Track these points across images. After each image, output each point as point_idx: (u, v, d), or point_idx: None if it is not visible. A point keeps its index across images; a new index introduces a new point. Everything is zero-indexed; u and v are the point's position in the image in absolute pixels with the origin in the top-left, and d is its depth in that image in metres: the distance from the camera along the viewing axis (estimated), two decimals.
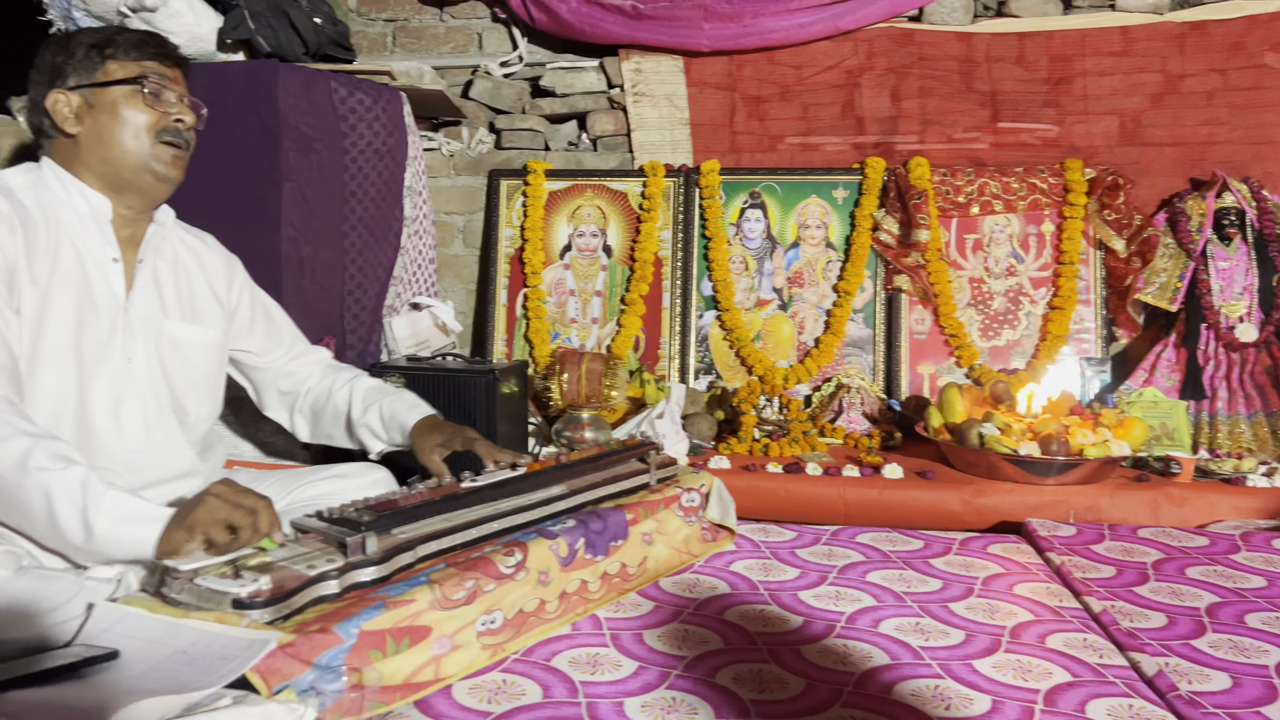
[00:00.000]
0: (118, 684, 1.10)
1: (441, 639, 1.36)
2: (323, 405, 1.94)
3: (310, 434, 1.98)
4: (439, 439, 1.79)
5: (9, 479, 1.31)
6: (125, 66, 1.59)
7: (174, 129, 1.61)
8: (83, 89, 1.57)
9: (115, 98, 1.57)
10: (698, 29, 2.97)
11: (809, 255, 2.97)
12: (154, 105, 1.59)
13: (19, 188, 1.56)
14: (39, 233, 1.53)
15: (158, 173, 1.61)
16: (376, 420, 1.86)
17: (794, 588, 1.76)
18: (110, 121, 1.57)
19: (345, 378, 1.95)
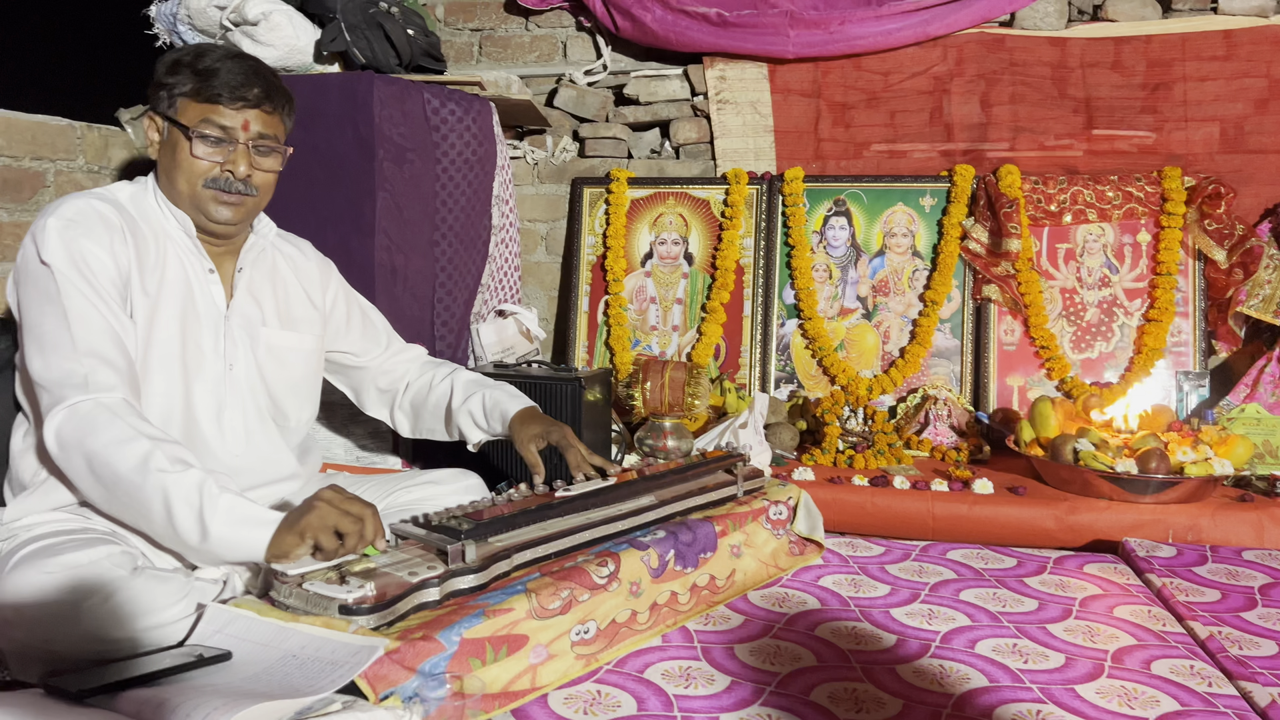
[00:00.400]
0: (232, 685, 1.13)
1: (538, 648, 1.38)
2: (424, 399, 1.96)
3: (411, 429, 2.01)
4: (537, 429, 1.80)
5: (130, 480, 1.36)
6: (189, 109, 1.57)
7: (222, 178, 1.59)
8: (165, 118, 1.60)
9: (178, 138, 1.58)
10: (783, 36, 2.95)
11: (894, 263, 2.93)
12: (202, 157, 1.58)
13: (126, 199, 1.61)
14: (148, 245, 1.59)
15: (209, 214, 1.61)
16: (478, 407, 1.88)
17: (885, 605, 1.74)
18: (171, 157, 1.59)
19: (445, 371, 1.99)
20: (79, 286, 1.47)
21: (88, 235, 1.50)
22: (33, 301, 1.48)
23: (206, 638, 1.29)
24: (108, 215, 1.54)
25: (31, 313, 1.48)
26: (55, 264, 1.47)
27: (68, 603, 1.28)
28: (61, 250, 1.47)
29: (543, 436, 1.79)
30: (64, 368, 1.43)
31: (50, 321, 1.46)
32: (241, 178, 1.60)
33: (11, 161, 2.06)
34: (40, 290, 1.48)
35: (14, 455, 1.61)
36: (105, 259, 1.51)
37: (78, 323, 1.45)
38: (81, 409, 1.40)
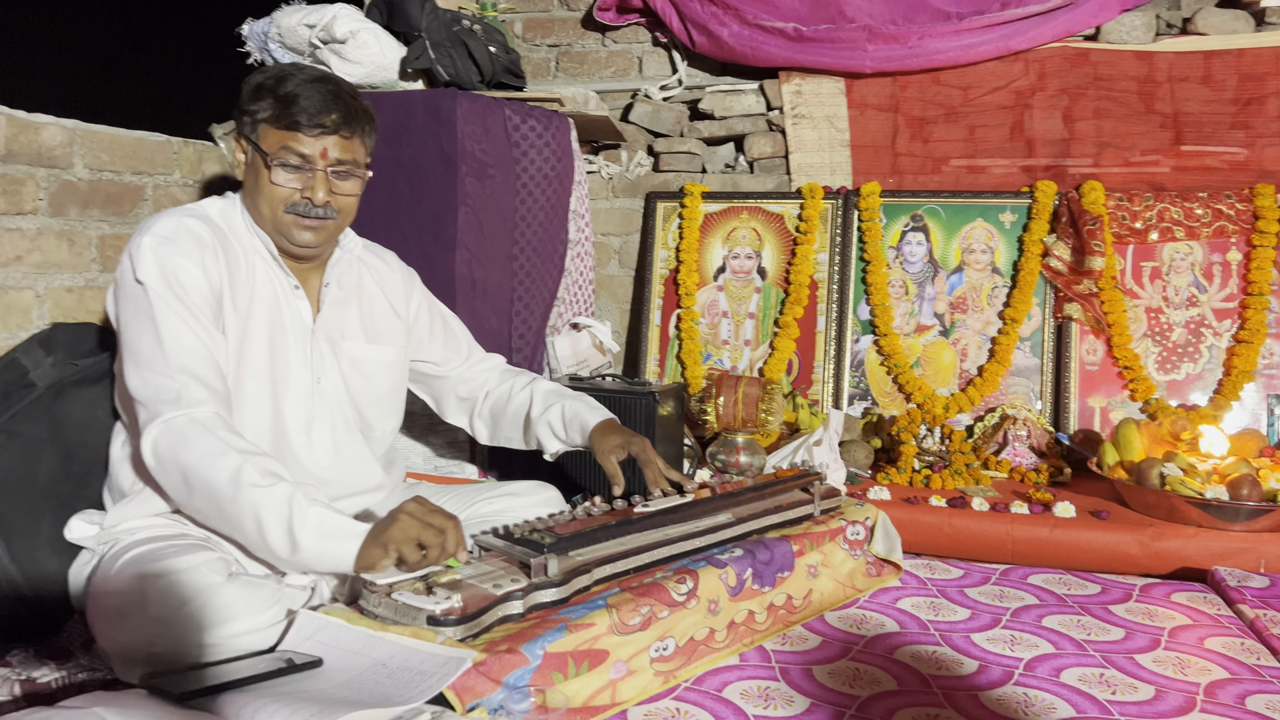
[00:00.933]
0: (327, 693, 1.16)
1: (618, 664, 1.38)
2: (503, 407, 1.99)
3: (490, 437, 2.04)
4: (617, 441, 1.81)
5: (224, 493, 1.40)
6: (271, 136, 1.60)
7: (302, 204, 1.61)
8: (249, 142, 1.63)
9: (260, 164, 1.61)
10: (861, 51, 2.93)
11: (973, 280, 2.89)
12: (282, 184, 1.60)
13: (216, 215, 1.66)
14: (239, 260, 1.63)
15: (290, 238, 1.65)
16: (558, 418, 1.90)
17: (966, 629, 1.72)
18: (255, 181, 1.63)
19: (524, 380, 2.01)
20: (171, 304, 1.51)
21: (181, 253, 1.54)
22: (129, 318, 1.53)
23: (298, 644, 1.32)
24: (200, 232, 1.59)
25: (128, 329, 1.53)
26: (149, 282, 1.51)
27: (169, 607, 1.32)
28: (155, 268, 1.52)
29: (623, 448, 1.80)
30: (158, 384, 1.47)
31: (145, 339, 1.50)
32: (320, 204, 1.62)
33: (114, 176, 2.15)
34: (136, 307, 1.52)
35: (113, 463, 1.67)
36: (198, 275, 1.55)
37: (170, 340, 1.49)
38: (175, 424, 1.44)
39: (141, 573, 1.37)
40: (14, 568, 1.55)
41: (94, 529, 1.61)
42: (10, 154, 1.89)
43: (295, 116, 1.58)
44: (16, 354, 1.81)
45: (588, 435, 1.85)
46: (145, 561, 1.40)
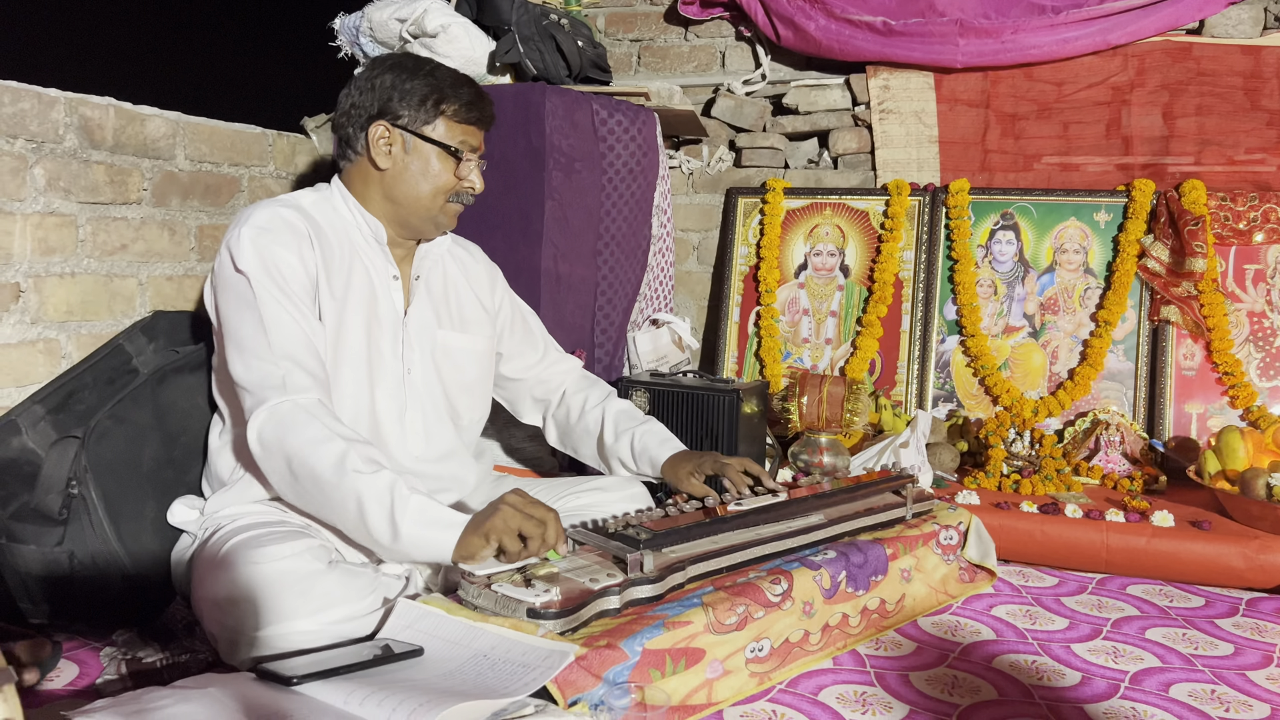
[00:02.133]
0: (431, 683, 1.16)
1: (714, 663, 1.37)
2: (574, 422, 1.98)
3: (559, 441, 2.04)
4: (689, 466, 1.81)
5: (327, 479, 1.41)
6: (451, 130, 1.67)
7: (465, 193, 1.71)
8: (408, 132, 1.66)
9: (430, 155, 1.66)
10: (953, 45, 2.87)
11: (1065, 281, 2.81)
12: (459, 173, 1.69)
13: (309, 206, 1.67)
14: (333, 250, 1.65)
15: (439, 225, 1.72)
16: (627, 452, 1.90)
17: (1065, 639, 1.67)
18: (418, 172, 1.67)
19: (597, 397, 1.99)
20: (273, 293, 1.53)
21: (278, 242, 1.56)
22: (231, 308, 1.55)
23: (397, 632, 1.33)
24: (295, 222, 1.60)
25: (230, 319, 1.55)
26: (250, 271, 1.53)
27: (273, 593, 1.34)
28: (255, 258, 1.54)
29: (697, 470, 1.80)
30: (263, 370, 1.49)
31: (248, 327, 1.52)
32: (477, 193, 1.72)
33: (213, 167, 2.19)
34: (238, 297, 1.55)
35: (211, 452, 1.70)
36: (295, 264, 1.57)
37: (274, 328, 1.52)
38: (281, 409, 1.46)
39: (245, 559, 1.39)
40: (121, 550, 1.59)
41: (195, 514, 1.65)
42: (118, 144, 1.94)
43: (473, 112, 1.69)
44: (120, 340, 1.86)
45: (659, 469, 1.85)
46: (248, 548, 1.42)
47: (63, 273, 1.84)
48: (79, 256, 1.88)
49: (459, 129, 1.68)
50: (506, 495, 1.42)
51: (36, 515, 1.58)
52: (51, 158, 1.81)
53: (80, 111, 1.86)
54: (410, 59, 1.71)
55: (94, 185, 1.89)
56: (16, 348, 1.76)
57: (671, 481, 1.82)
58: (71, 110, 1.84)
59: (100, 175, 1.91)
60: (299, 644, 1.32)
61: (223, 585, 1.38)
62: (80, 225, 1.88)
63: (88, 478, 1.58)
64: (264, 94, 1.83)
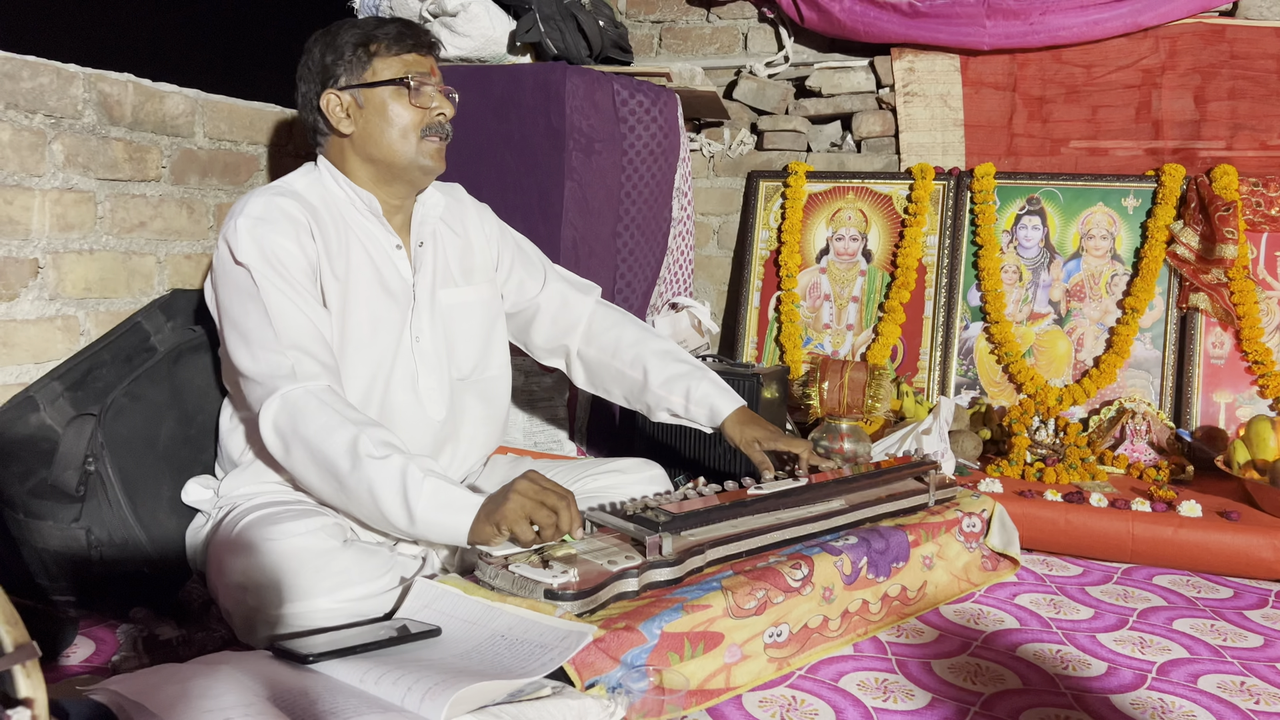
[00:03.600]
0: (448, 662, 1.15)
1: (732, 647, 1.35)
2: (607, 361, 1.88)
3: (587, 382, 1.94)
4: (761, 434, 1.76)
5: (340, 466, 1.39)
6: (389, 64, 1.61)
7: (437, 124, 1.64)
8: (353, 89, 1.62)
9: (384, 97, 1.61)
10: (979, 27, 2.82)
11: (1092, 267, 2.77)
12: (418, 103, 1.62)
13: (303, 189, 1.64)
14: (331, 231, 1.61)
15: (424, 167, 1.65)
16: (680, 399, 1.82)
17: (1090, 629, 1.64)
18: (379, 120, 1.62)
19: (632, 334, 1.89)
20: (275, 282, 1.50)
21: (276, 230, 1.53)
22: (233, 301, 1.53)
23: (414, 612, 1.32)
24: (291, 209, 1.57)
25: (233, 311, 1.53)
26: (250, 262, 1.50)
27: (289, 570, 1.33)
28: (254, 249, 1.51)
29: (768, 440, 1.75)
30: (271, 361, 1.47)
31: (253, 319, 1.50)
32: (448, 119, 1.66)
33: (232, 146, 2.18)
34: (239, 289, 1.52)
35: (223, 434, 1.69)
36: (295, 251, 1.54)
37: (279, 317, 1.49)
38: (292, 397, 1.44)
39: (261, 537, 1.38)
40: (137, 527, 1.58)
41: (209, 493, 1.64)
42: (137, 121, 1.93)
43: (406, 39, 1.63)
44: (138, 318, 1.85)
45: (718, 421, 1.79)
46: (263, 525, 1.41)
47: (81, 249, 1.84)
48: (98, 233, 1.87)
49: (396, 61, 1.62)
50: (517, 481, 1.38)
51: (54, 492, 1.58)
52: (70, 133, 1.80)
53: (99, 87, 1.85)
54: (333, 25, 1.66)
55: (113, 162, 1.88)
56: (35, 324, 1.76)
57: (734, 439, 1.77)
58: (90, 86, 1.83)
59: (119, 152, 1.90)
60: (315, 622, 1.31)
61: (238, 563, 1.37)
62: (99, 202, 1.87)
63: (104, 455, 1.57)
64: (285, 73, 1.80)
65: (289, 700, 1.03)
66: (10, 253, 1.71)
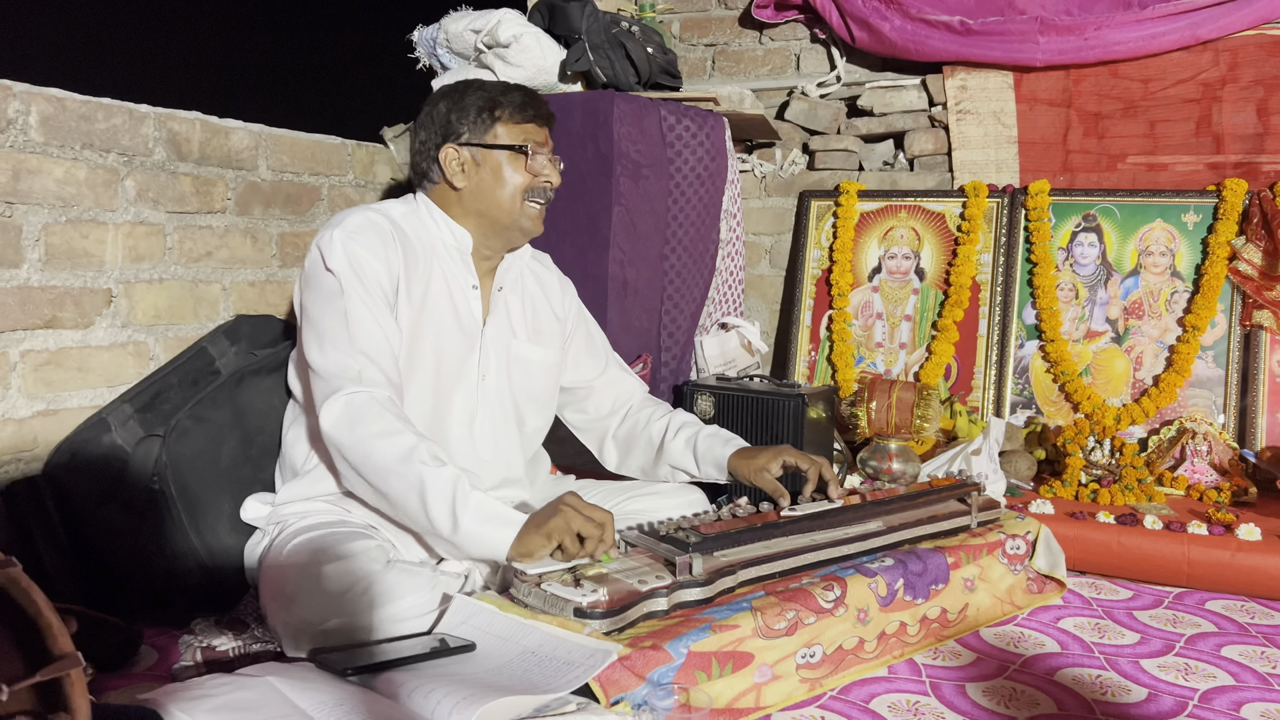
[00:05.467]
0: (479, 677, 1.19)
1: (763, 668, 1.37)
2: (637, 435, 1.96)
3: (618, 463, 2.01)
4: (763, 460, 1.78)
5: (394, 469, 1.47)
6: (511, 131, 1.72)
7: (543, 189, 1.75)
8: (473, 147, 1.72)
9: (500, 160, 1.72)
10: (1032, 43, 2.80)
11: (1150, 284, 2.71)
12: (531, 169, 1.73)
13: (398, 216, 1.73)
14: (417, 258, 1.71)
15: (524, 229, 1.76)
16: (690, 458, 1.88)
17: (1134, 654, 1.62)
18: (492, 180, 1.72)
19: (662, 411, 1.98)
20: (359, 292, 1.60)
21: (366, 247, 1.63)
22: (317, 302, 1.62)
23: (452, 628, 1.37)
24: (382, 228, 1.67)
25: (315, 311, 1.62)
26: (339, 270, 1.60)
27: (335, 590, 1.40)
28: (344, 259, 1.61)
29: (772, 463, 1.77)
30: (341, 361, 1.56)
31: (331, 320, 1.59)
32: (555, 187, 1.76)
33: (294, 177, 2.28)
34: (325, 293, 1.61)
35: (286, 443, 1.77)
36: (380, 269, 1.63)
37: (355, 324, 1.58)
38: (356, 399, 1.52)
39: (311, 557, 1.45)
40: (199, 543, 1.67)
41: (266, 509, 1.72)
42: (204, 157, 2.04)
43: (529, 109, 1.74)
44: (204, 343, 1.95)
45: (723, 467, 1.83)
46: (313, 546, 1.48)
47: (151, 279, 1.94)
48: (166, 263, 1.98)
49: (518, 129, 1.73)
50: (565, 496, 1.45)
51: (122, 509, 1.67)
52: (141, 170, 1.91)
53: (168, 126, 1.96)
54: (460, 84, 1.77)
55: (181, 195, 1.99)
56: (108, 350, 1.87)
57: (742, 476, 1.80)
58: (160, 125, 1.94)
59: (187, 186, 2.00)
60: (358, 637, 1.37)
61: (284, 582, 1.44)
62: (168, 234, 1.98)
63: (167, 474, 1.66)
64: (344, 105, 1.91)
65: (325, 711, 1.09)
66: (86, 283, 1.82)
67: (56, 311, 1.77)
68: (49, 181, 1.74)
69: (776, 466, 1.76)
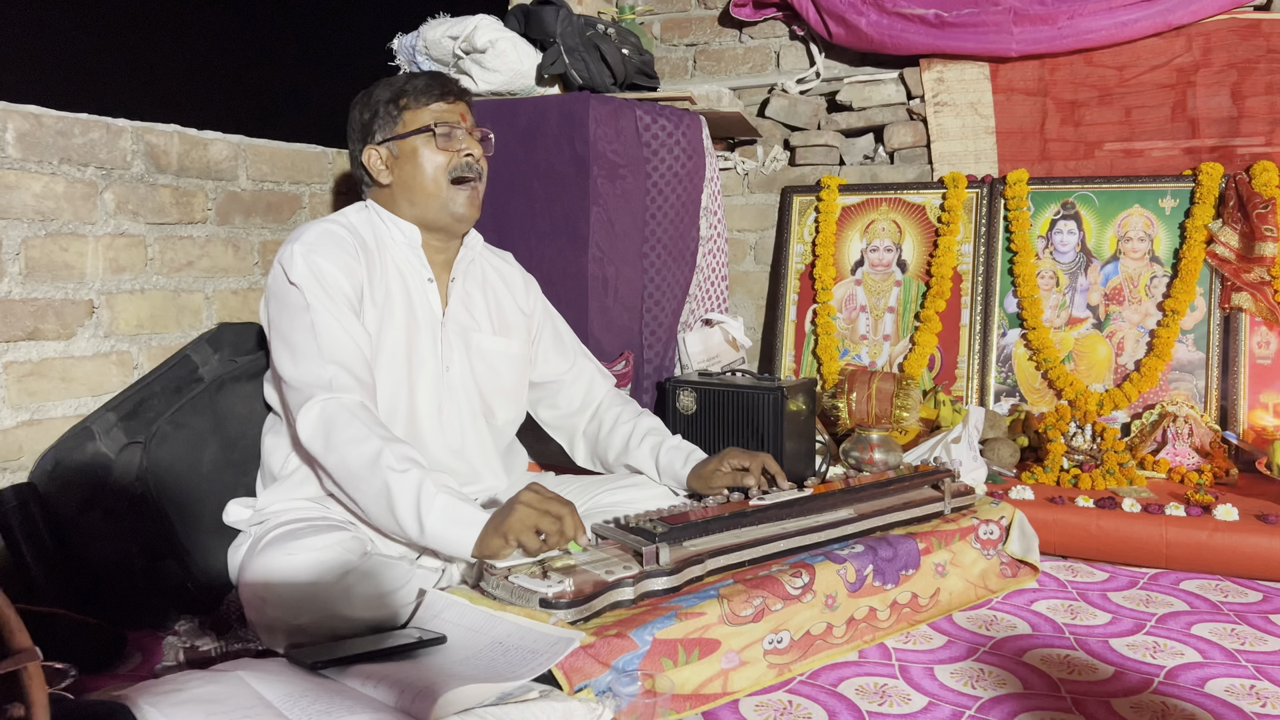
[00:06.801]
0: (445, 667, 1.22)
1: (730, 654, 1.39)
2: (604, 435, 1.99)
3: (586, 458, 2.05)
4: (710, 467, 1.82)
5: (362, 474, 1.50)
6: (418, 115, 1.75)
7: (465, 164, 1.76)
8: (388, 142, 1.76)
9: (415, 146, 1.75)
10: (1006, 34, 2.82)
11: (1130, 270, 2.73)
12: (445, 147, 1.75)
13: (356, 223, 1.78)
14: (375, 260, 1.75)
15: (455, 214, 1.78)
16: (651, 467, 1.91)
17: (1104, 634, 1.63)
18: (411, 168, 1.76)
19: (630, 413, 1.99)
20: (324, 302, 1.63)
21: (327, 257, 1.66)
22: (283, 316, 1.66)
23: (425, 621, 1.39)
24: (340, 236, 1.71)
25: (282, 325, 1.66)
26: (302, 283, 1.64)
27: (307, 581, 1.42)
28: (306, 271, 1.64)
29: (718, 470, 1.80)
30: (312, 372, 1.59)
31: (299, 333, 1.62)
32: (478, 160, 1.78)
33: (274, 186, 2.31)
34: (291, 307, 1.65)
35: (265, 450, 1.80)
36: (341, 277, 1.67)
37: (323, 334, 1.61)
38: (328, 408, 1.55)
39: (285, 550, 1.48)
40: (182, 546, 1.70)
41: (248, 512, 1.75)
42: (183, 168, 2.07)
43: (433, 90, 1.76)
44: (188, 351, 1.98)
45: (683, 483, 1.86)
46: (285, 540, 1.50)
47: (133, 289, 1.98)
48: (148, 274, 2.01)
49: (425, 110, 1.76)
50: (521, 493, 1.46)
51: (106, 515, 1.70)
52: (120, 183, 1.94)
53: (146, 139, 1.99)
54: (372, 86, 1.82)
55: (161, 207, 2.02)
56: (91, 360, 1.90)
57: (699, 489, 1.83)
58: (138, 138, 1.97)
59: (166, 197, 2.04)
60: (333, 631, 1.40)
61: (260, 576, 1.46)
62: (149, 245, 2.01)
63: (149, 479, 1.69)
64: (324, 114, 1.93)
65: (291, 702, 1.11)
66: (67, 295, 1.85)
67: (38, 323, 1.80)
68: (27, 196, 1.77)
69: (725, 467, 1.80)
